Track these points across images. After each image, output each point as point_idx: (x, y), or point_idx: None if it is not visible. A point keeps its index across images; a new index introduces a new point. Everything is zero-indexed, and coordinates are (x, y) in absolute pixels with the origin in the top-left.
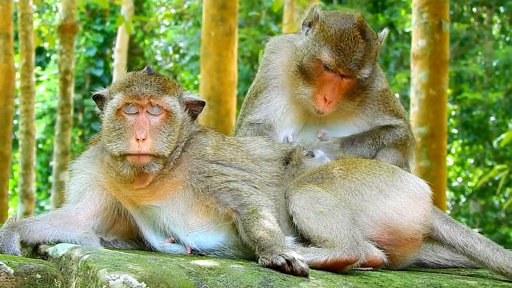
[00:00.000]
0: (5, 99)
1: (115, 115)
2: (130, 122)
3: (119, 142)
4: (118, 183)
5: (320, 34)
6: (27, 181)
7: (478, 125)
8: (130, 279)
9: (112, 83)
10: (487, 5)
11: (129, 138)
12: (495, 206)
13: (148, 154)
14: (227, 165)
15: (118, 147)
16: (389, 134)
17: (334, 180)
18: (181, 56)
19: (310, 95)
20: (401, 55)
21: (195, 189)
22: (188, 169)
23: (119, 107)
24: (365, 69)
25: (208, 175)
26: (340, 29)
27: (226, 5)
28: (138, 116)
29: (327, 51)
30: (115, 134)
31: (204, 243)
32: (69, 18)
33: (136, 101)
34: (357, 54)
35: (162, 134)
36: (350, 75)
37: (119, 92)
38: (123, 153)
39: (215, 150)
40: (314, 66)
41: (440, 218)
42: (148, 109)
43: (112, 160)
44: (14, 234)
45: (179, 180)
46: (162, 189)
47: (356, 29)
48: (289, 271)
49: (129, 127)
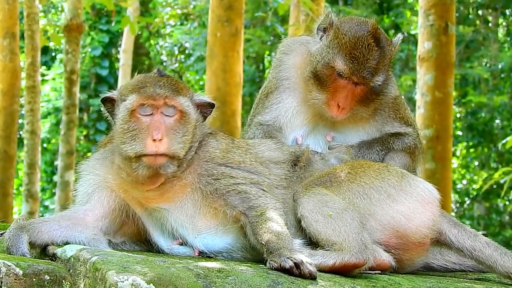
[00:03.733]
0: (11, 98)
1: (129, 117)
2: (145, 123)
3: (134, 143)
4: (128, 184)
5: (334, 41)
6: (32, 180)
7: (483, 127)
8: (139, 281)
9: (122, 86)
10: (492, 8)
11: (145, 138)
12: (499, 208)
13: (165, 154)
14: (236, 167)
15: (133, 148)
16: (398, 141)
17: (342, 184)
18: (187, 56)
19: (324, 101)
20: (407, 57)
21: (203, 192)
22: (198, 171)
23: (134, 108)
24: (379, 77)
25: (217, 177)
26: (354, 37)
27: (232, 5)
28: (153, 117)
29: (341, 59)
30: (130, 135)
31: (212, 245)
32: (75, 17)
33: (151, 101)
34: (371, 62)
35: (177, 135)
36: (363, 83)
37: (133, 94)
38: (140, 154)
39: (225, 153)
40: (328, 73)
41: (448, 222)
42: (162, 109)
43: (125, 162)
44: (22, 235)
45: (188, 182)
46: (171, 191)
47: (370, 37)
48: (297, 274)
49: (144, 128)
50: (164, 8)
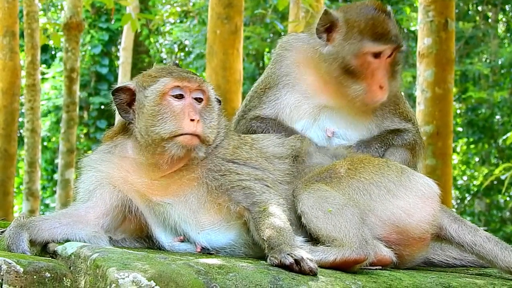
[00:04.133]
0: (11, 97)
1: (160, 99)
2: (177, 106)
3: (168, 124)
4: (139, 171)
5: (351, 32)
6: (32, 179)
7: (483, 123)
8: (139, 277)
9: (139, 76)
10: (492, 4)
11: (181, 119)
12: (500, 204)
13: (200, 135)
14: (242, 164)
15: (168, 128)
16: (398, 138)
17: (342, 180)
18: (186, 54)
19: (366, 89)
20: (407, 54)
21: (209, 187)
22: (208, 166)
23: (166, 91)
24: (403, 39)
25: (224, 173)
26: (368, 18)
27: (231, 3)
28: (185, 100)
29: (369, 40)
30: (160, 117)
31: (215, 241)
32: (75, 16)
33: (186, 83)
34: (393, 29)
35: (206, 120)
36: (398, 46)
37: (164, 77)
38: (177, 133)
39: (235, 149)
40: (361, 62)
41: (448, 217)
42: (193, 94)
43: (153, 144)
44: (23, 233)
45: (196, 176)
46: (178, 184)
47: (380, 11)
48: (297, 270)
49: (177, 110)
50: (164, 5)
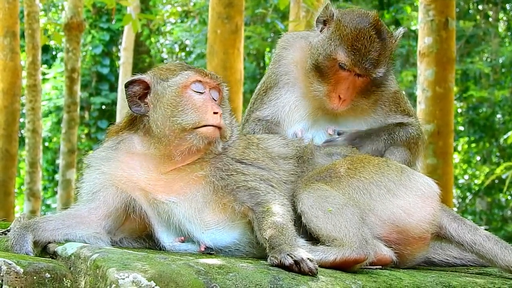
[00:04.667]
0: (12, 97)
1: (181, 91)
2: (198, 99)
3: (191, 116)
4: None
5: (335, 33)
6: (33, 179)
7: (485, 122)
8: (139, 278)
9: (153, 69)
10: (493, 3)
11: (205, 111)
12: (501, 203)
13: (222, 128)
14: (249, 164)
15: (190, 119)
16: (403, 131)
17: (342, 179)
18: (187, 54)
19: (325, 93)
20: (407, 53)
21: (215, 186)
22: (216, 165)
23: (187, 84)
24: (380, 68)
25: (231, 173)
26: (355, 28)
27: (232, 2)
28: (205, 95)
29: (343, 50)
30: (181, 109)
31: (220, 240)
32: (76, 16)
33: (208, 79)
34: (373, 53)
35: (224, 116)
36: (365, 74)
37: (186, 70)
38: (200, 125)
39: (244, 149)
40: (329, 65)
41: (448, 216)
42: (212, 91)
43: (169, 136)
44: (27, 234)
45: (204, 174)
46: (184, 181)
47: (371, 28)
48: (297, 271)
49: (198, 103)
50: (165, 5)
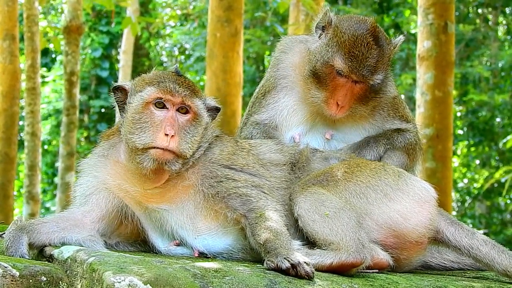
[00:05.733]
0: (11, 100)
1: (142, 108)
2: (158, 117)
3: (144, 135)
4: (130, 181)
5: (333, 39)
6: (32, 182)
7: (484, 126)
8: (136, 281)
9: (137, 78)
10: (492, 6)
11: (157, 132)
12: (500, 207)
13: (173, 151)
14: (239, 170)
15: (142, 139)
16: (401, 137)
17: (339, 183)
18: (187, 57)
19: (323, 99)
20: (407, 56)
21: (205, 194)
22: (202, 172)
23: (149, 100)
24: (378, 75)
25: (220, 180)
26: (353, 35)
27: (231, 6)
28: (167, 113)
29: (340, 57)
30: (139, 126)
31: (213, 246)
32: (75, 19)
33: (169, 97)
34: (370, 60)
35: (187, 135)
36: (363, 81)
37: (151, 86)
38: (149, 146)
39: (230, 155)
40: (327, 71)
41: (445, 220)
42: (178, 107)
43: (131, 153)
44: (23, 236)
45: (191, 183)
46: (173, 191)
47: (369, 35)
48: (293, 274)
49: (156, 121)
50: (164, 9)
